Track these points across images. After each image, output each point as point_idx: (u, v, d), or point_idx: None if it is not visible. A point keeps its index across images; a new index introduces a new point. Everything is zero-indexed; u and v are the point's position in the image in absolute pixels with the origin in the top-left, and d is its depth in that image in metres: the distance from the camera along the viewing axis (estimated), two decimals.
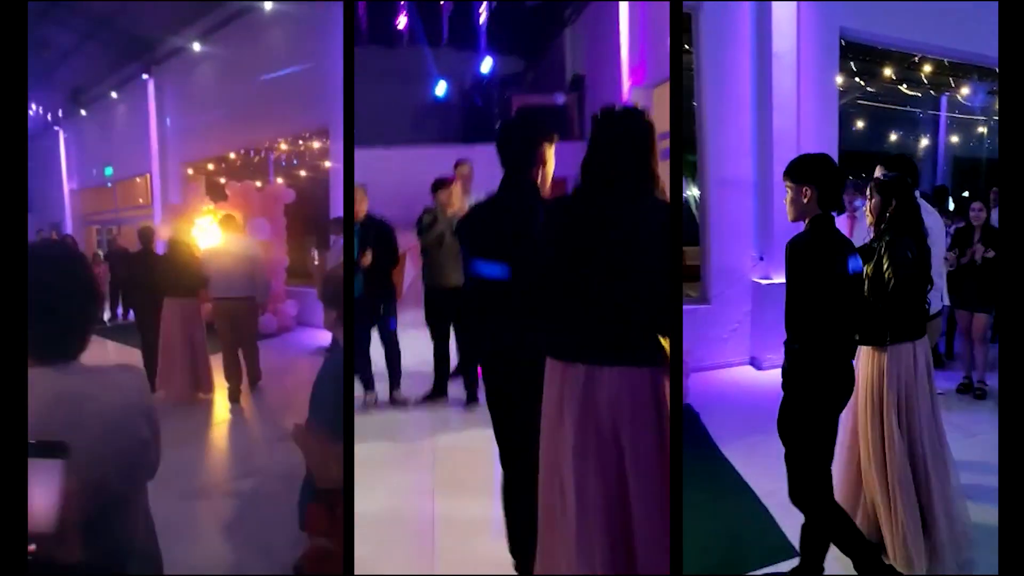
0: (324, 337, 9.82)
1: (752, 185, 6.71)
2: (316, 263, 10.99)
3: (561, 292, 2.52)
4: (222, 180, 15.75)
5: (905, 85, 11.24)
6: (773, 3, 6.45)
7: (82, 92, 21.26)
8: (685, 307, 6.63)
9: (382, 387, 6.27)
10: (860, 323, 3.27)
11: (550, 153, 2.97)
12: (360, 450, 4.85)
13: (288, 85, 12.78)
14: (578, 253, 2.48)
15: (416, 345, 6.59)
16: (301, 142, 14.85)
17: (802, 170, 3.08)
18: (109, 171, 21.43)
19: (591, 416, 2.42)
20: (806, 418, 3.05)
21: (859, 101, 11.84)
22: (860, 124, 13.43)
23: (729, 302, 6.88)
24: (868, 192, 3.56)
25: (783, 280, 3.06)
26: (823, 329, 2.99)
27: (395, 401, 6.23)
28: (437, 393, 6.31)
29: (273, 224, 11.96)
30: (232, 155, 16.33)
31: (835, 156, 6.38)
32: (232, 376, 7.80)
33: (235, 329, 7.82)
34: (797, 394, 3.05)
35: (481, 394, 3.50)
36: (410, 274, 8.12)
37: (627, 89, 10.26)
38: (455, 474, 4.80)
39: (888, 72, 10.56)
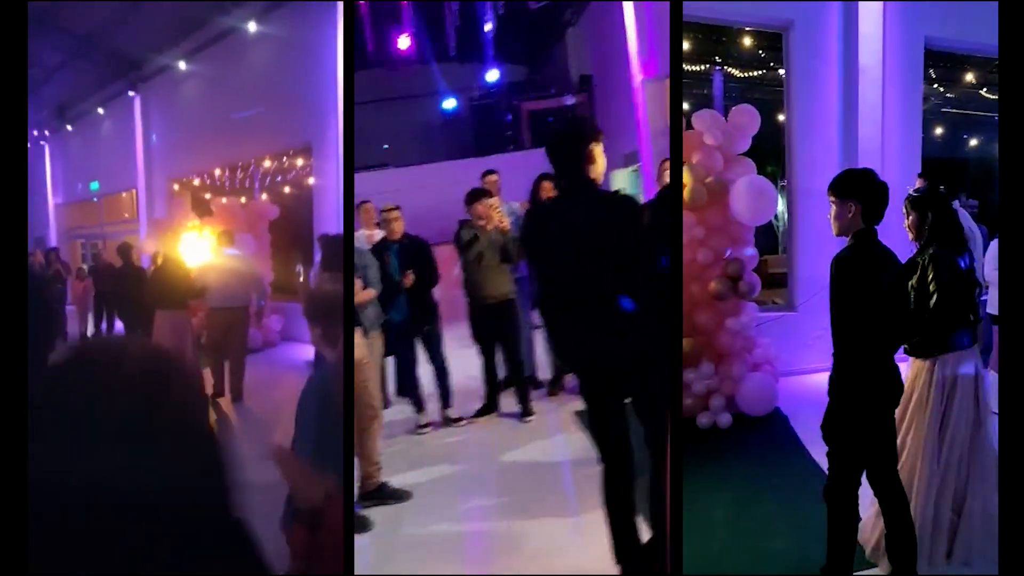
0: (309, 352, 9.90)
1: None
2: (301, 279, 11.15)
3: None
4: (207, 196, 15.91)
5: (985, 89, 10.65)
6: (859, 18, 6.65)
7: (68, 108, 21.37)
8: (772, 314, 6.94)
9: (431, 407, 6.30)
10: (905, 335, 3.34)
11: (599, 152, 3.10)
12: (429, 473, 5.22)
13: (272, 104, 13.00)
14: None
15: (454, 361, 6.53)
16: (285, 159, 15.01)
17: (846, 185, 3.12)
18: (95, 186, 21.50)
19: None
20: (848, 424, 3.12)
21: (940, 109, 11.55)
22: (940, 131, 12.74)
23: (814, 309, 6.55)
24: (904, 210, 3.60)
25: None
26: (866, 341, 3.06)
27: (448, 420, 6.26)
28: (489, 408, 6.37)
29: (258, 240, 12.13)
30: (217, 171, 16.48)
31: (918, 164, 7.06)
32: (217, 375, 8.28)
33: (229, 338, 8.31)
34: (842, 401, 3.14)
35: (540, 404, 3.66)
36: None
37: (638, 82, 10.24)
38: (527, 491, 4.86)
39: (969, 78, 10.22)
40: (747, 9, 6.65)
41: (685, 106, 6.06)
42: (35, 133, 22.82)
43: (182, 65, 15.90)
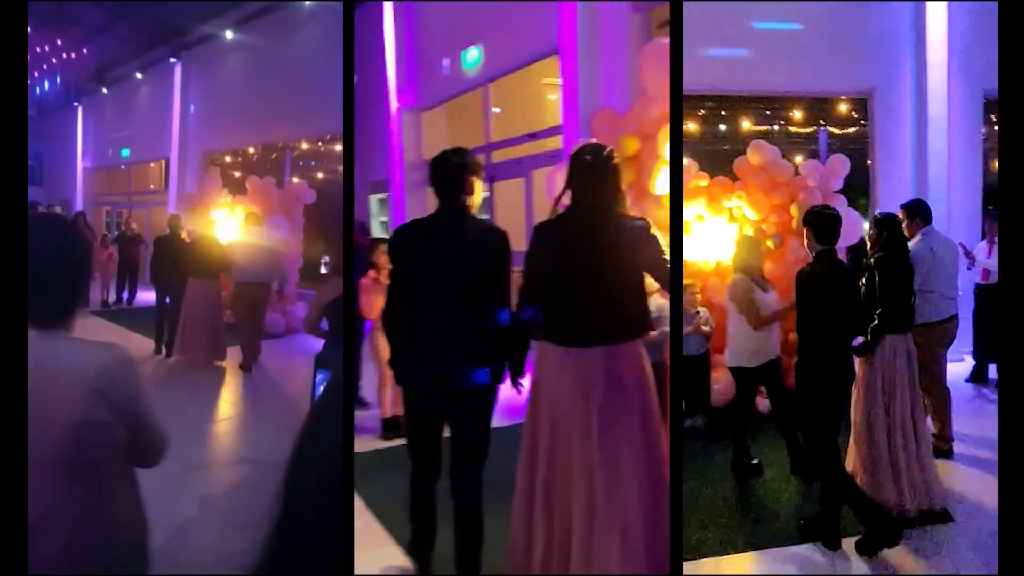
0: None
1: None
2: (324, 272, 10.88)
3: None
4: (236, 174, 15.52)
5: None
6: (928, 76, 8.17)
7: (107, 70, 21.04)
8: None
9: None
10: (852, 333, 4.12)
11: (477, 183, 3.29)
12: None
13: (317, 84, 12.57)
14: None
15: None
16: (321, 144, 14.61)
17: (805, 217, 4.17)
18: (126, 153, 21.17)
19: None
20: (810, 402, 4.00)
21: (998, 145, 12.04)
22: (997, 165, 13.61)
23: None
24: (868, 226, 4.73)
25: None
26: (821, 336, 3.96)
27: None
28: None
29: (292, 223, 11.68)
30: (251, 149, 16.10)
31: (979, 195, 8.57)
32: (247, 347, 9.00)
33: (252, 310, 9.06)
34: (803, 384, 4.01)
35: None
36: None
37: (395, 111, 10.48)
38: None
39: None
40: (840, 80, 8.45)
41: (798, 158, 7.25)
42: (70, 93, 22.61)
43: (229, 35, 15.45)
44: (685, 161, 6.57)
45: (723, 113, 9.20)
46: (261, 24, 14.47)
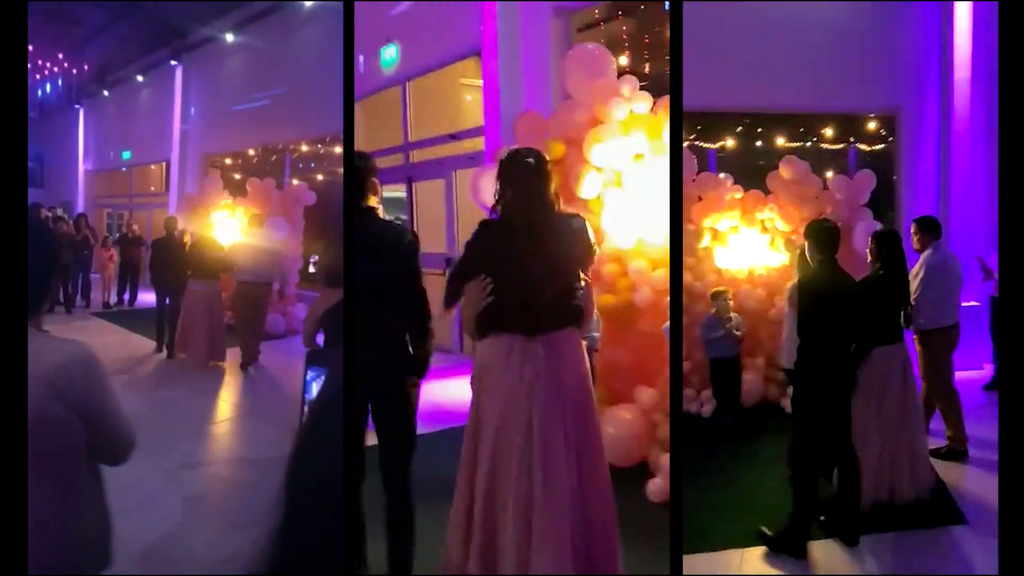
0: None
1: None
2: (312, 271, 11.07)
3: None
4: (237, 176, 15.55)
5: None
6: (954, 94, 8.47)
7: (108, 72, 21.09)
8: None
9: None
10: (853, 336, 4.21)
11: (376, 184, 3.49)
12: None
13: (316, 86, 12.59)
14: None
15: None
16: (320, 146, 14.62)
17: (806, 231, 4.42)
18: (127, 155, 21.22)
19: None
20: (805, 407, 4.14)
21: None
22: None
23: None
24: (869, 242, 4.90)
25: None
26: (819, 342, 4.08)
27: None
28: None
29: (292, 224, 11.70)
30: (251, 151, 16.13)
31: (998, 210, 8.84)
32: (246, 347, 9.12)
33: (253, 309, 9.20)
34: (800, 389, 4.20)
35: None
36: None
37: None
38: None
39: None
40: (868, 98, 8.87)
41: (828, 173, 7.70)
42: (71, 95, 22.67)
43: (229, 37, 15.48)
44: (720, 174, 7.04)
45: (759, 130, 9.51)
46: (261, 26, 14.51)
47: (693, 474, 4.66)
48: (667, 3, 7.62)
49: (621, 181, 5.33)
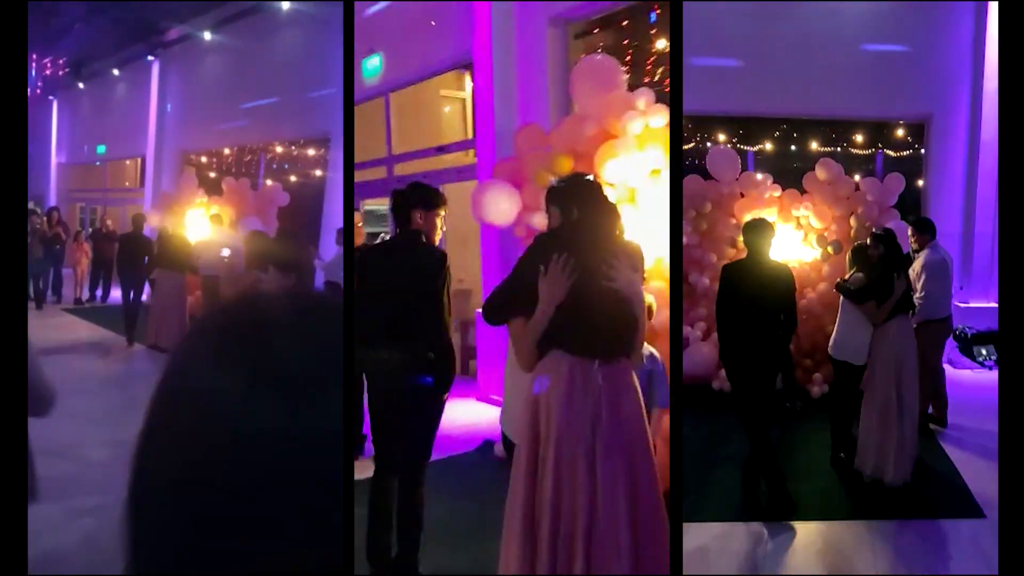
0: None
1: (958, 235, 8.99)
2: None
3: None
4: (212, 174, 15.55)
5: None
6: (984, 104, 8.81)
7: (84, 65, 20.89)
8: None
9: None
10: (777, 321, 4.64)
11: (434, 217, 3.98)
12: None
13: (295, 89, 12.67)
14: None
15: None
16: (295, 147, 14.68)
17: (744, 226, 5.01)
18: (102, 150, 21.07)
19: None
20: (741, 386, 4.65)
21: None
22: None
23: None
24: (869, 240, 5.39)
25: (977, 304, 6.23)
26: (742, 324, 4.57)
27: None
28: None
29: (265, 225, 11.76)
30: (227, 151, 16.13)
31: None
32: None
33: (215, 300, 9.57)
34: (733, 370, 4.74)
35: None
36: None
37: None
38: None
39: None
40: (900, 106, 9.36)
41: (856, 177, 8.03)
42: (44, 87, 22.42)
43: (207, 35, 15.49)
44: (759, 175, 7.46)
45: (794, 135, 9.98)
46: (239, 26, 14.55)
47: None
48: (652, 14, 7.71)
49: (635, 198, 5.21)
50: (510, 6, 7.73)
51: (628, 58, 7.50)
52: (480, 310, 3.60)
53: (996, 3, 8.37)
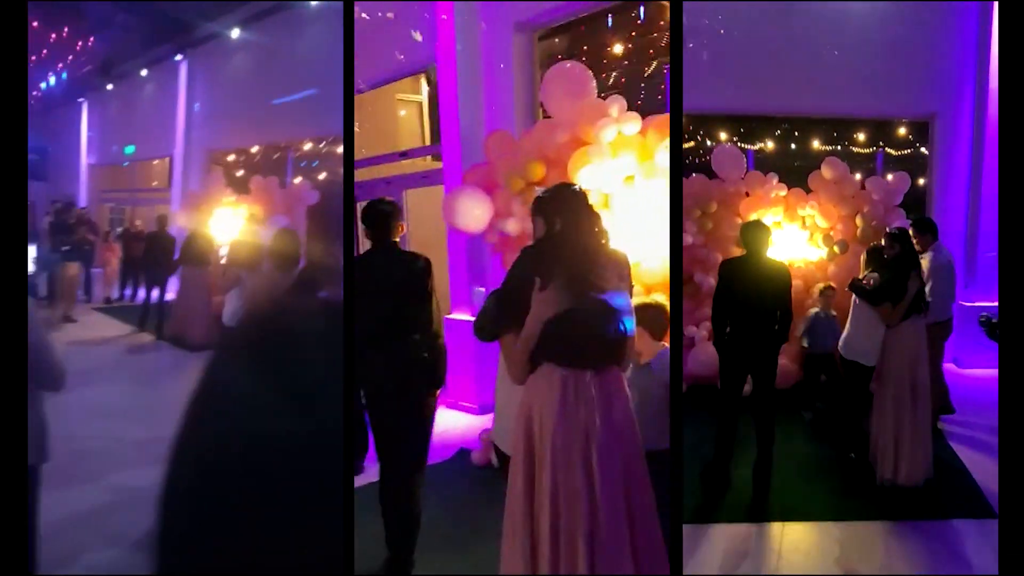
0: None
1: (963, 235, 8.91)
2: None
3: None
4: (240, 173, 15.52)
5: None
6: (988, 102, 8.66)
7: (112, 66, 20.99)
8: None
9: None
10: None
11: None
12: None
13: (323, 84, 12.55)
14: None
15: None
16: (324, 144, 14.58)
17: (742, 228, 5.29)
18: (130, 150, 21.16)
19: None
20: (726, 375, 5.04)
21: None
22: None
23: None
24: (883, 239, 5.39)
25: (982, 304, 6.04)
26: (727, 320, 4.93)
27: None
28: None
29: (294, 224, 11.67)
30: (254, 149, 16.08)
31: None
32: None
33: None
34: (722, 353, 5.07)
35: None
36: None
37: None
38: None
39: None
40: (905, 105, 9.22)
41: (857, 175, 7.94)
42: (74, 89, 22.57)
43: (235, 33, 15.44)
44: (767, 174, 7.45)
45: (796, 133, 9.97)
46: (267, 23, 14.47)
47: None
48: (610, 18, 7.83)
49: (609, 203, 5.25)
50: (475, 8, 7.69)
51: (583, 60, 7.51)
52: (448, 317, 3.83)
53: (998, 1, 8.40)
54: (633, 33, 7.94)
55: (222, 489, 0.65)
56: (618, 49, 7.86)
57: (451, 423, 7.01)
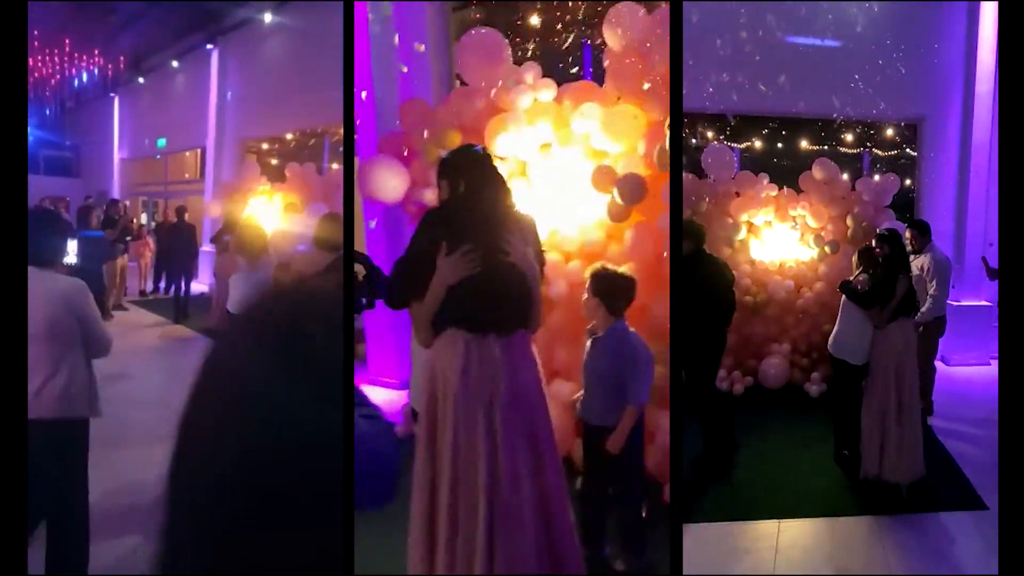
0: None
1: (951, 235, 9.09)
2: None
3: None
4: (274, 161, 15.19)
5: None
6: (976, 106, 8.97)
7: (143, 59, 20.85)
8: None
9: None
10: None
11: None
12: None
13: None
14: None
15: None
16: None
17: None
18: (162, 143, 20.98)
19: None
20: (698, 372, 5.18)
21: None
22: None
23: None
24: (873, 241, 5.43)
25: (969, 303, 7.00)
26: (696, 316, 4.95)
27: None
28: None
29: (333, 209, 11.30)
30: (289, 136, 15.73)
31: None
32: None
33: None
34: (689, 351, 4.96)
35: None
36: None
37: None
38: None
39: None
40: (894, 107, 9.16)
41: (844, 176, 7.95)
42: (106, 84, 22.49)
43: (267, 18, 15.07)
44: (758, 174, 7.52)
45: (783, 133, 10.00)
46: (299, 6, 14.07)
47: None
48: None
49: (526, 171, 5.25)
50: None
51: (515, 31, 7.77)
52: None
53: (989, 4, 8.68)
54: (551, 4, 8.08)
55: (223, 489, 0.62)
56: (534, 21, 7.95)
57: (373, 398, 6.72)
